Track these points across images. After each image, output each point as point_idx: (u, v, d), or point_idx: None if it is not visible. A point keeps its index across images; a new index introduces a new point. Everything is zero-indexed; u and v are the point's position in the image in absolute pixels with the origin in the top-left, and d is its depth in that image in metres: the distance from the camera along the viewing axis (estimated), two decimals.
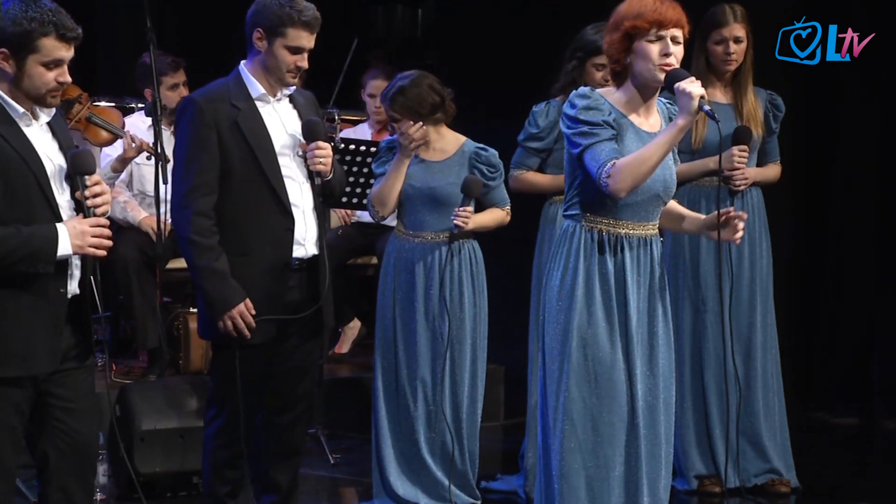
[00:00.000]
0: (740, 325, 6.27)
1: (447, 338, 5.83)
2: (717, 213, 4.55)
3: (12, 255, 4.17)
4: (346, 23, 9.36)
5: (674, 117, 4.50)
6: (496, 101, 7.92)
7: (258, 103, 5.20)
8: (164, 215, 6.57)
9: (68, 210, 4.34)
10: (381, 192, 5.90)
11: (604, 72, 5.67)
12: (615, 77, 4.55)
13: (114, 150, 7.26)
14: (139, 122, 7.45)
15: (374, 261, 7.60)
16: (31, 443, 4.40)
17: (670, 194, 4.59)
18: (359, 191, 7.06)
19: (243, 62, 5.24)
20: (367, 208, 6.16)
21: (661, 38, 4.41)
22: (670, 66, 4.41)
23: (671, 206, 4.69)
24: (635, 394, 4.50)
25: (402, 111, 5.81)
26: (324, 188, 5.25)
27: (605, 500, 4.50)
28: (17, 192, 4.23)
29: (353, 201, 7.16)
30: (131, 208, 7.35)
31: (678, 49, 4.45)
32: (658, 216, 4.59)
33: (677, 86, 4.36)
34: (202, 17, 9.16)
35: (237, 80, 5.21)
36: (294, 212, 5.19)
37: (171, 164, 5.80)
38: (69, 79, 4.30)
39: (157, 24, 6.61)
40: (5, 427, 4.28)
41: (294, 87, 5.29)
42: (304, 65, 5.18)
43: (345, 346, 8.16)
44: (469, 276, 5.91)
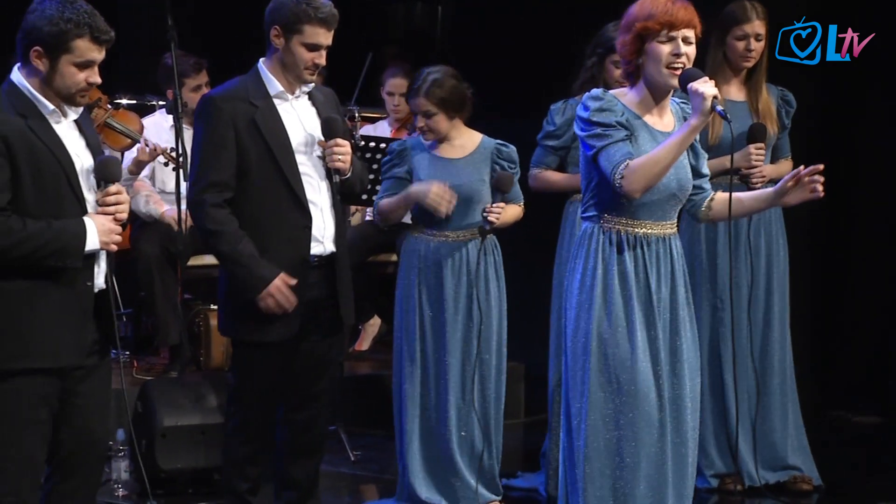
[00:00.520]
0: (757, 322, 6.26)
1: (478, 336, 5.79)
2: (788, 176, 4.51)
3: (43, 250, 4.24)
4: (364, 20, 9.35)
5: (687, 117, 4.50)
6: (514, 100, 7.91)
7: (276, 101, 5.21)
8: (185, 213, 6.58)
9: (95, 207, 4.39)
10: (389, 212, 5.85)
11: None
12: (628, 77, 4.55)
13: (135, 150, 7.27)
14: (161, 121, 7.46)
15: (394, 258, 7.55)
16: None
17: (686, 193, 4.58)
18: (378, 188, 7.05)
19: (262, 60, 5.26)
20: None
21: (673, 38, 4.42)
22: (680, 68, 4.41)
23: (721, 197, 4.66)
24: (661, 394, 4.49)
25: (440, 104, 5.74)
26: (343, 186, 5.25)
27: (631, 502, 4.49)
28: (47, 186, 4.28)
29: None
30: (154, 202, 7.35)
31: (690, 49, 4.44)
32: (675, 215, 4.59)
33: (690, 86, 4.37)
34: (221, 15, 9.16)
35: (255, 77, 5.23)
36: (311, 209, 5.20)
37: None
38: (99, 80, 4.36)
39: (178, 23, 6.61)
40: (36, 421, 4.32)
41: (313, 85, 5.30)
42: (322, 62, 5.19)
43: (365, 343, 8.18)
44: (494, 273, 5.87)
